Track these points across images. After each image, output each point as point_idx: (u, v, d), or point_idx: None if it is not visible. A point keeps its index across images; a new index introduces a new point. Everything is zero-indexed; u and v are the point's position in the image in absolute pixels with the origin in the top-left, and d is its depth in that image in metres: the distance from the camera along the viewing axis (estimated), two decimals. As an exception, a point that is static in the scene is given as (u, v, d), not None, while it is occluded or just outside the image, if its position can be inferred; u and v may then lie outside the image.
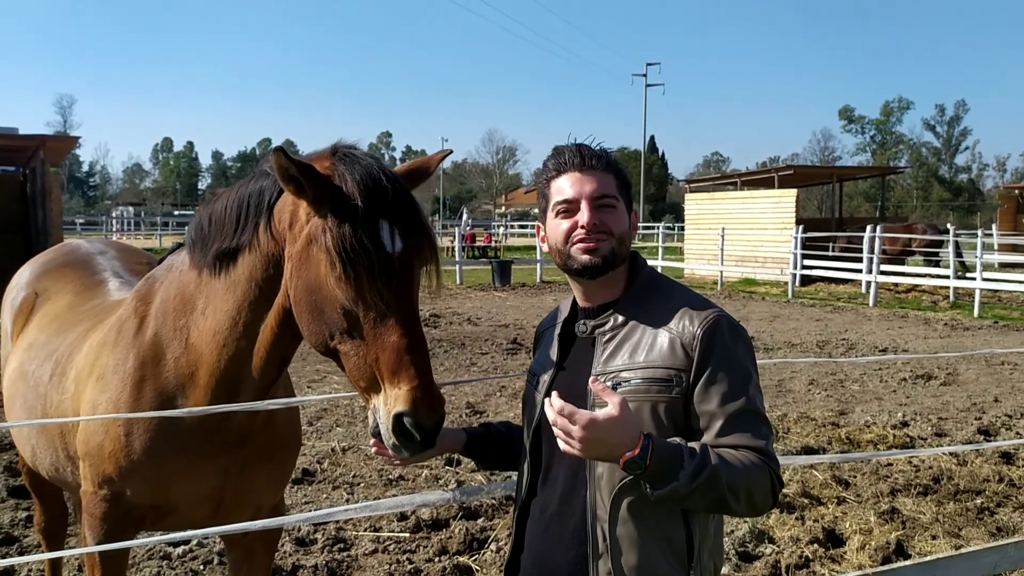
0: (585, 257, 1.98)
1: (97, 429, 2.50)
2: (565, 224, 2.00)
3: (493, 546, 4.90)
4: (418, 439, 1.94)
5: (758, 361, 1.98)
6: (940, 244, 22.27)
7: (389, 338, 1.95)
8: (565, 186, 2.01)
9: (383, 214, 2.02)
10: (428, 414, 1.93)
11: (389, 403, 1.94)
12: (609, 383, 1.91)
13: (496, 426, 2.35)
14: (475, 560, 4.75)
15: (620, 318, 2.00)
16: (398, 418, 1.92)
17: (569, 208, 2.00)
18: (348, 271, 1.96)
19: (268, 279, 2.24)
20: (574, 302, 2.15)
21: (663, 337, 1.92)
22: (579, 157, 2.02)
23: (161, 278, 2.60)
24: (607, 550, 1.90)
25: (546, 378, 2.09)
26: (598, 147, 2.07)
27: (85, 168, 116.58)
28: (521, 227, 59.89)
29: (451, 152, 2.51)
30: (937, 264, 21.94)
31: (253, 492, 2.62)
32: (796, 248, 21.44)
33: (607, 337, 2.00)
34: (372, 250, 1.96)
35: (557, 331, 2.14)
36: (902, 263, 21.69)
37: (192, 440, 2.40)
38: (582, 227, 1.97)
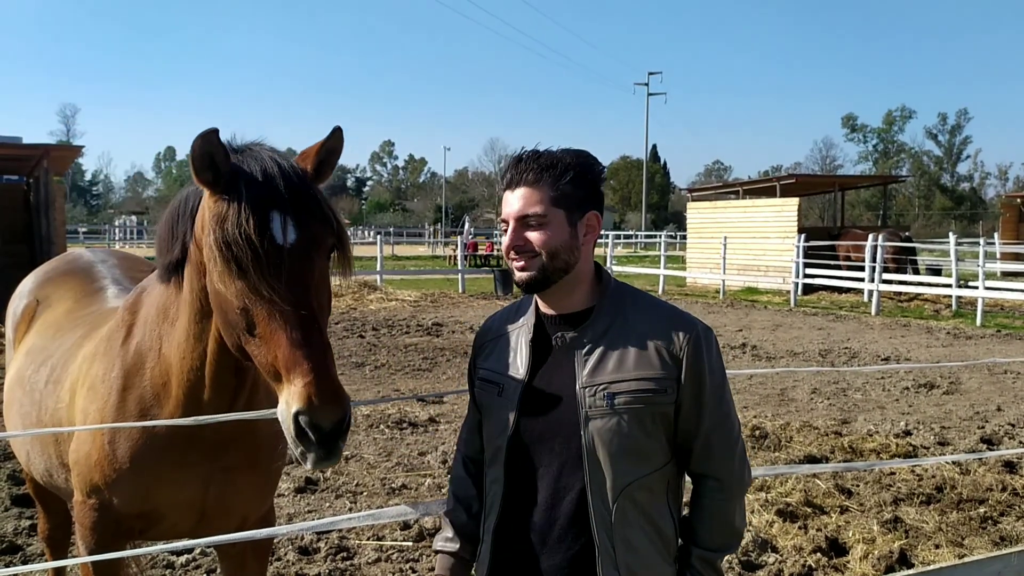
0: (519, 275, 2.03)
1: (85, 438, 2.51)
2: (505, 241, 2.06)
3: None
4: (314, 441, 1.79)
5: (760, 370, 2.04)
6: (904, 251, 22.22)
7: (283, 334, 1.85)
8: (503, 204, 2.07)
9: (274, 205, 1.93)
10: (324, 411, 1.78)
11: (288, 402, 1.82)
12: (602, 393, 1.96)
13: (466, 505, 2.21)
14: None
15: (600, 328, 2.02)
16: (295, 417, 1.80)
17: (506, 227, 2.06)
18: (231, 267, 1.89)
19: (203, 288, 2.16)
20: (537, 307, 2.13)
21: (650, 348, 1.98)
22: (510, 173, 2.04)
23: (148, 288, 2.59)
24: (608, 552, 1.96)
25: (516, 387, 2.06)
26: (542, 151, 2.03)
27: (88, 177, 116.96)
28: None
29: (340, 128, 2.12)
30: (905, 271, 21.88)
31: (237, 501, 2.59)
32: (798, 257, 21.46)
33: (588, 347, 2.01)
34: (257, 243, 1.87)
35: (528, 337, 2.09)
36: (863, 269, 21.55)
37: (171, 448, 2.40)
38: (507, 248, 2.04)
